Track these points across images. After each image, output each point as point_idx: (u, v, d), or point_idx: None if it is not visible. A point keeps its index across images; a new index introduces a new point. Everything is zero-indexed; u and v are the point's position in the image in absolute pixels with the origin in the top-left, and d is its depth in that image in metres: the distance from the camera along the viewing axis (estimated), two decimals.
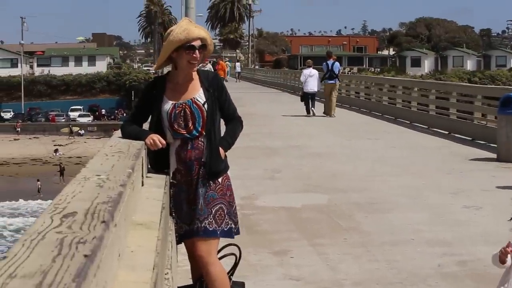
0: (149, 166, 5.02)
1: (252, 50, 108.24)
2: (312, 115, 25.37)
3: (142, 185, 4.38)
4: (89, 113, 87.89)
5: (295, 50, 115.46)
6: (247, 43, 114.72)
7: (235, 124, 5.18)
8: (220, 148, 4.96)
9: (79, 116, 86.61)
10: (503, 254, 4.57)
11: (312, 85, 25.78)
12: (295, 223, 9.08)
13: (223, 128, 5.12)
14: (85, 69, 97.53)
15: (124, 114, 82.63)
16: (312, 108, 25.58)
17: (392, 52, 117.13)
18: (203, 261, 4.86)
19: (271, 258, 7.47)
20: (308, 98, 25.84)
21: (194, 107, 4.91)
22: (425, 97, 23.86)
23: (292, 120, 24.31)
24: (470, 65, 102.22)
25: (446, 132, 19.62)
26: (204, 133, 4.90)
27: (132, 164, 3.64)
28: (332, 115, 25.46)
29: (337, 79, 26.39)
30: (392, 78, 43.12)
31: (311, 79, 26.04)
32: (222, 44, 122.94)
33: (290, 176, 12.61)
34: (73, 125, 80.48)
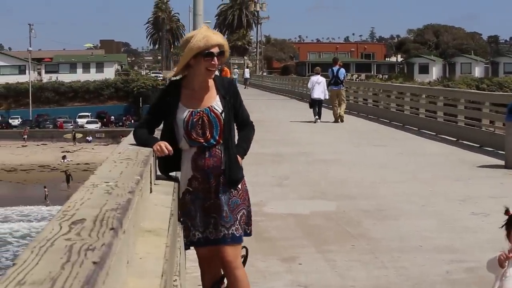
0: (157, 173, 5.00)
1: (260, 56, 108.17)
2: (314, 121, 25.36)
3: (151, 192, 4.38)
4: (97, 119, 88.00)
5: (303, 56, 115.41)
6: (255, 50, 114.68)
7: (249, 130, 5.18)
8: (237, 156, 4.97)
9: (87, 122, 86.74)
10: (505, 259, 4.63)
11: (318, 93, 25.79)
12: (303, 229, 9.07)
13: None
14: (93, 75, 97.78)
15: (132, 121, 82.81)
16: (316, 116, 25.57)
17: (400, 59, 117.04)
18: (231, 266, 4.91)
19: (280, 265, 7.46)
20: (315, 105, 25.86)
21: (212, 115, 4.88)
22: (433, 104, 23.81)
23: (300, 126, 24.28)
24: (478, 72, 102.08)
25: (454, 139, 19.57)
26: (222, 141, 4.89)
27: (141, 171, 3.64)
28: (339, 120, 25.50)
29: (342, 85, 26.40)
30: (400, 85, 43.11)
31: (318, 86, 26.02)
32: (230, 51, 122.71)
33: (298, 182, 12.60)
34: (78, 132, 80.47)
